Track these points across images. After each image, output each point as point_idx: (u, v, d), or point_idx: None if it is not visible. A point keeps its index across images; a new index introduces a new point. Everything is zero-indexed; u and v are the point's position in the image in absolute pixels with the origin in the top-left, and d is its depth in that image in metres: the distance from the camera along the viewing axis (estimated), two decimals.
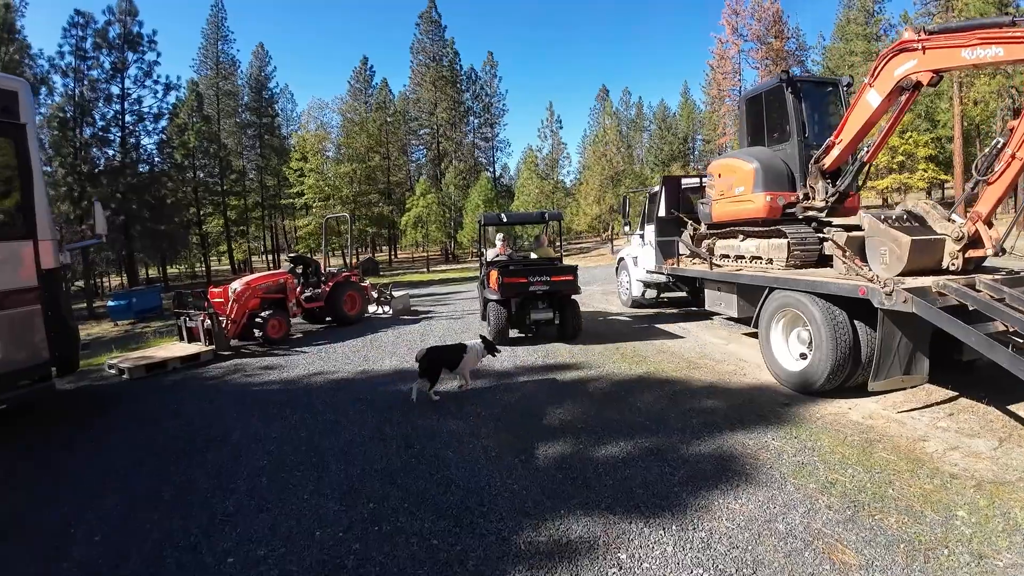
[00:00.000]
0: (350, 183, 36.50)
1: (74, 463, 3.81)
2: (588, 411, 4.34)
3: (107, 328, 17.45)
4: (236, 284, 8.04)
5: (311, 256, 12.59)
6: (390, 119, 44.94)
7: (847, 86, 6.23)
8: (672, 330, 7.64)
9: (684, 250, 7.48)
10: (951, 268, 4.38)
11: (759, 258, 5.93)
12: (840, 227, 5.40)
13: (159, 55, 27.16)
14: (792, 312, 4.78)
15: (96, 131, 25.44)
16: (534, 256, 8.32)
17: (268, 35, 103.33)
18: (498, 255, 8.01)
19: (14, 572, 2.58)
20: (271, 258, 45.00)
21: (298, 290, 9.11)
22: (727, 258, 6.54)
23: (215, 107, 40.02)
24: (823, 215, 5.67)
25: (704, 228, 7.11)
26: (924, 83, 4.47)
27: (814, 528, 2.54)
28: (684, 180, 8.54)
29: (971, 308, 3.62)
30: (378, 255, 46.21)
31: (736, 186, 6.16)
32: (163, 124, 29.08)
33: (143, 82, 26.86)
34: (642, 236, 9.27)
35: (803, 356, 4.71)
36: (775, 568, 2.27)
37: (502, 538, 2.57)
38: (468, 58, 77.02)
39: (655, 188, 9.04)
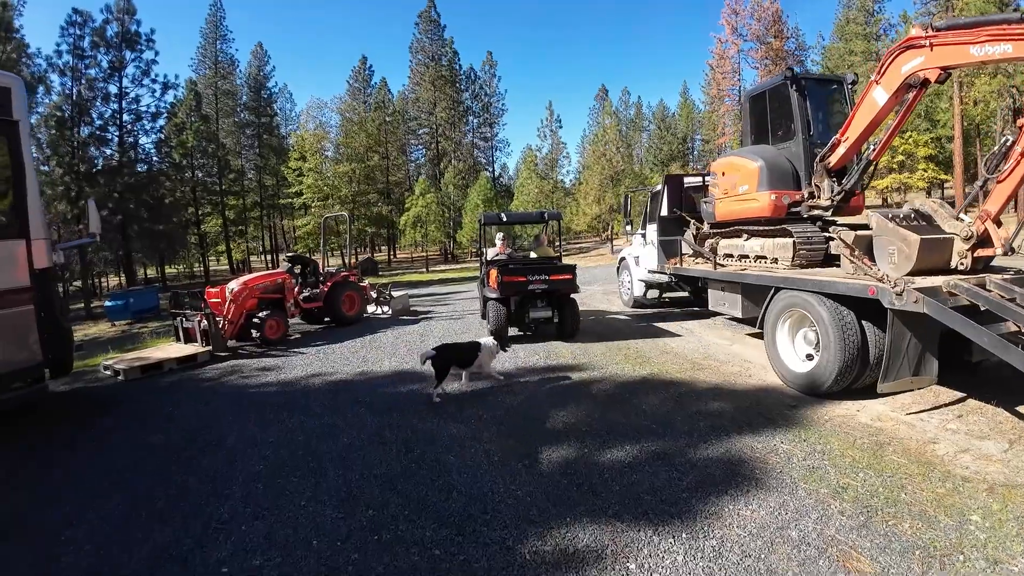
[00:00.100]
0: (349, 183, 36.42)
1: (49, 482, 3.64)
2: (592, 414, 4.26)
3: (104, 328, 17.37)
4: (233, 284, 7.95)
5: (310, 256, 12.50)
6: (389, 119, 44.88)
7: (852, 84, 6.19)
8: (675, 330, 7.58)
9: (687, 249, 7.42)
10: (960, 267, 4.34)
11: (763, 257, 5.86)
12: (845, 226, 5.33)
13: (157, 54, 27.07)
14: (799, 312, 4.71)
15: (94, 130, 25.34)
16: (533, 255, 8.39)
17: (267, 34, 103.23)
18: (498, 254, 8.12)
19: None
20: (270, 258, 44.90)
21: (296, 290, 9.04)
22: (731, 257, 6.48)
23: (213, 106, 39.96)
24: (828, 214, 5.62)
25: (707, 227, 7.05)
26: (932, 80, 4.41)
27: (827, 535, 2.48)
28: (687, 179, 8.48)
29: (983, 308, 3.56)
30: (377, 255, 46.15)
31: (740, 185, 6.10)
32: (161, 123, 29.06)
33: (141, 81, 26.79)
34: (644, 235, 9.21)
35: (809, 357, 4.65)
36: None
37: (506, 548, 2.49)
38: (467, 58, 77.04)
39: (657, 187, 8.98)
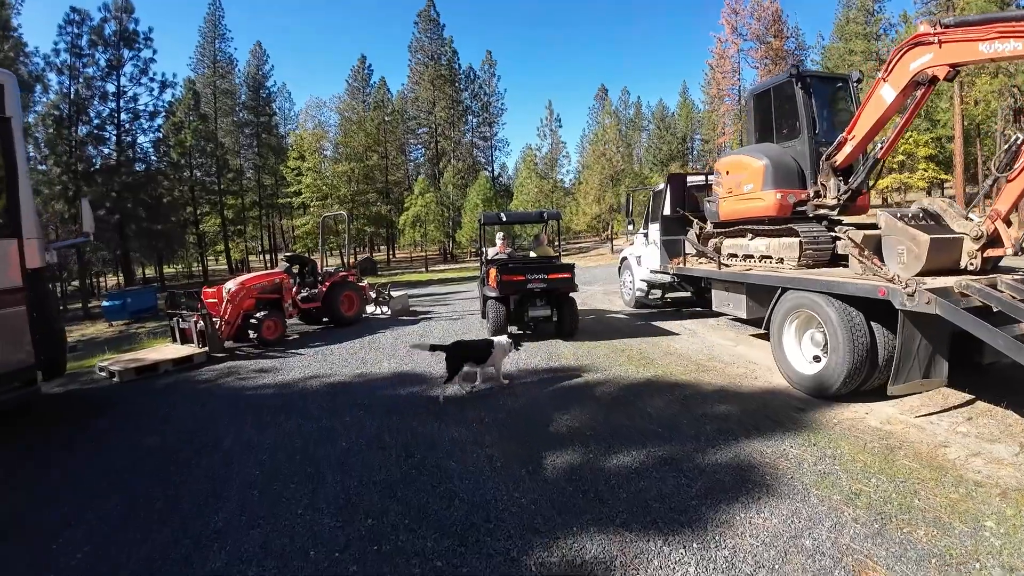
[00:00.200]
0: (348, 182, 36.34)
1: (48, 482, 3.57)
2: (596, 417, 4.17)
3: (101, 328, 17.28)
4: (230, 284, 7.84)
5: (308, 255, 12.41)
6: (388, 118, 44.76)
7: (857, 82, 6.11)
8: (677, 331, 7.50)
9: (690, 249, 7.34)
10: (969, 267, 4.27)
11: (769, 257, 5.78)
12: (852, 226, 5.26)
13: (155, 52, 27.03)
14: (806, 313, 4.63)
15: (91, 129, 25.27)
16: (533, 255, 8.41)
17: (266, 33, 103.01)
18: (498, 253, 8.16)
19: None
20: (268, 258, 44.76)
21: (294, 290, 8.95)
22: (735, 257, 6.40)
23: (212, 105, 39.82)
24: (835, 213, 5.54)
25: (710, 227, 6.97)
26: (941, 77, 4.34)
27: (842, 544, 2.40)
28: (690, 178, 8.40)
29: (995, 309, 3.48)
30: (376, 255, 46.07)
31: (745, 183, 6.02)
32: (159, 122, 29.00)
33: (139, 80, 26.76)
34: (646, 235, 9.12)
35: (816, 359, 4.57)
36: None
37: (511, 559, 2.40)
38: (467, 57, 76.74)
39: (660, 186, 8.90)
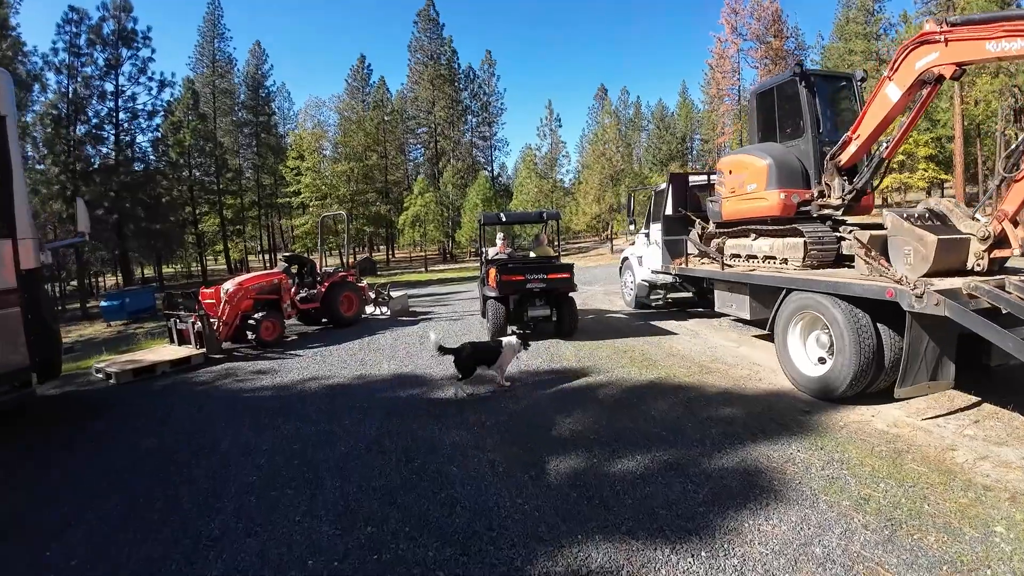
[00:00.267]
0: (347, 182, 36.26)
1: (47, 482, 3.54)
2: (599, 420, 4.11)
3: (100, 329, 17.23)
4: (228, 284, 7.77)
5: (307, 255, 12.35)
6: (388, 118, 44.69)
7: (861, 80, 6.05)
8: (679, 332, 7.44)
9: (692, 249, 7.28)
10: (976, 268, 4.21)
11: (772, 258, 5.72)
12: (857, 226, 5.20)
13: (154, 52, 27.00)
14: (811, 314, 4.57)
15: (90, 128, 25.16)
16: (533, 255, 8.38)
17: (265, 33, 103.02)
18: (498, 253, 8.14)
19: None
20: (268, 257, 44.67)
21: (293, 291, 8.88)
22: (738, 258, 6.34)
23: (211, 105, 39.75)
24: (839, 213, 5.48)
25: (713, 227, 6.92)
26: (947, 76, 4.30)
27: (852, 551, 2.35)
28: (692, 177, 8.34)
29: (1004, 311, 3.43)
30: (375, 255, 46.00)
31: (748, 183, 5.96)
32: (158, 122, 28.90)
33: (138, 79, 26.68)
34: (647, 235, 9.06)
35: (822, 361, 4.51)
36: None
37: (515, 568, 2.34)
38: (466, 56, 76.51)
39: (661, 185, 8.84)
